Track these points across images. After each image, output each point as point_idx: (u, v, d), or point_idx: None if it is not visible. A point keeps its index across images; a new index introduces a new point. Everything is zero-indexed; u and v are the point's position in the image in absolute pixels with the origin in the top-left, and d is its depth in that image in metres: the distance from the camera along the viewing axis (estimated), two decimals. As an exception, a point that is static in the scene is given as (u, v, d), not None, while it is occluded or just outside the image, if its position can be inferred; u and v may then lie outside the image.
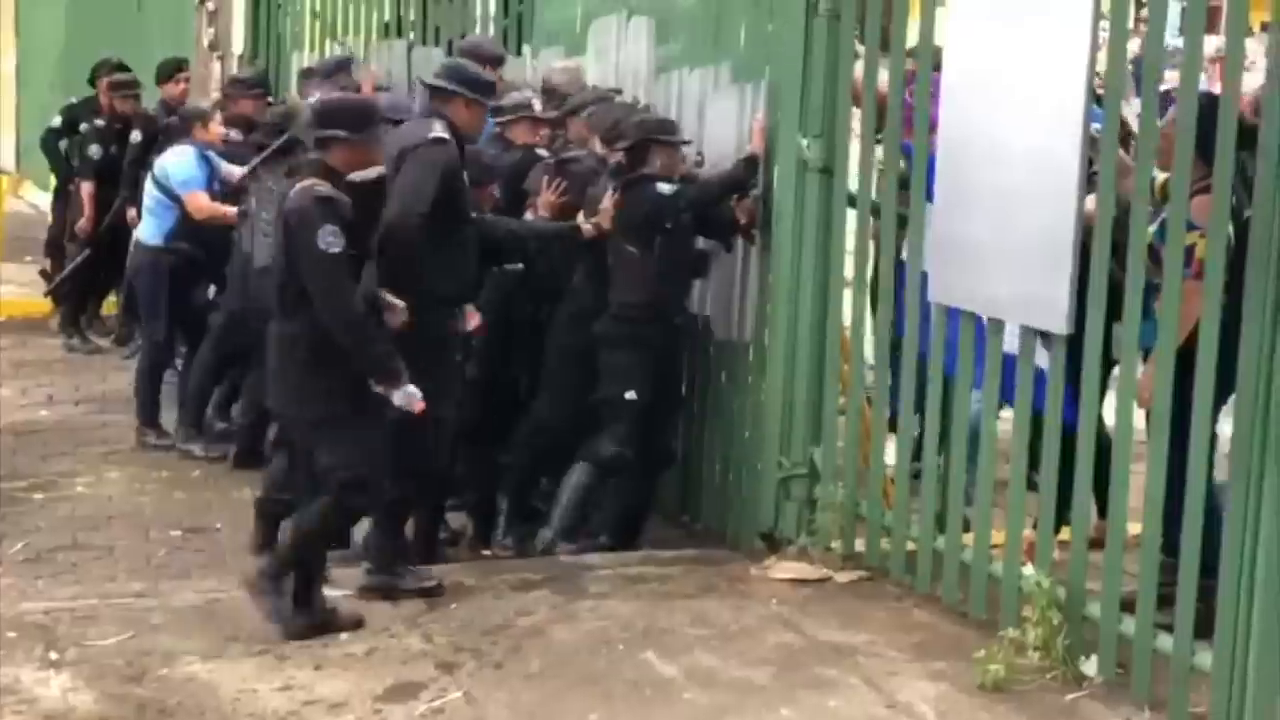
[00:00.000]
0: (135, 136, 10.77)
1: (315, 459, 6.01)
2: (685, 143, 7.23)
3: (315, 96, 10.44)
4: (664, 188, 6.92)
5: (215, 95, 11.12)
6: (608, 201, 6.99)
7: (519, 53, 10.30)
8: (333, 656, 5.71)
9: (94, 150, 11.33)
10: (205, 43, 13.74)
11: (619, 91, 8.03)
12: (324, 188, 5.85)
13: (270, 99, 10.63)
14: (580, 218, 7.11)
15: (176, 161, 9.13)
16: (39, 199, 16.70)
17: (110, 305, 12.01)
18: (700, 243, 7.36)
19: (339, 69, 10.68)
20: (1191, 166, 5.26)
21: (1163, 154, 5.51)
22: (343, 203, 5.85)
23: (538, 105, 7.80)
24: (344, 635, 5.89)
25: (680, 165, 7.12)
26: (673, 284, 7.12)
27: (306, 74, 11.37)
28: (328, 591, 6.14)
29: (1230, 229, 5.17)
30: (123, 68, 11.80)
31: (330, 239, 5.75)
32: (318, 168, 5.98)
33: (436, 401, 6.15)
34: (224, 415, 9.13)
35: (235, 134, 9.36)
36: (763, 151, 6.95)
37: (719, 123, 7.35)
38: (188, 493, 8.23)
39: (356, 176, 5.94)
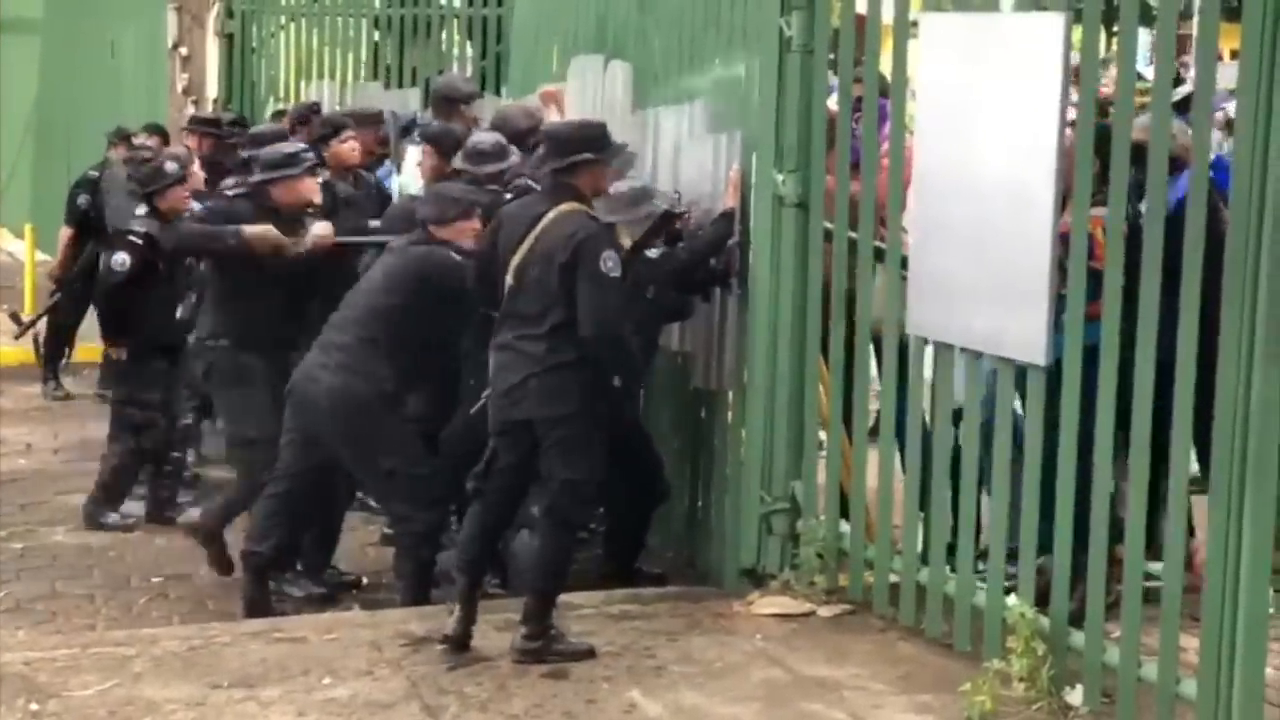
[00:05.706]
0: None
1: (550, 471, 6.05)
2: (681, 215, 7.06)
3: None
4: (651, 253, 6.82)
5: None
6: None
7: (497, 93, 10.33)
8: (316, 701, 5.67)
9: (81, 200, 11.37)
10: (179, 88, 13.76)
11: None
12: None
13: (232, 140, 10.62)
14: None
15: None
16: (14, 247, 16.67)
17: (86, 352, 11.89)
18: None
19: (309, 113, 10.68)
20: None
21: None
22: None
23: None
24: (327, 679, 5.86)
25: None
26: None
27: (277, 116, 11.41)
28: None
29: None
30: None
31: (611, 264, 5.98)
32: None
33: None
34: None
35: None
36: (738, 205, 6.90)
37: (694, 165, 7.30)
38: (168, 539, 8.19)
39: None
